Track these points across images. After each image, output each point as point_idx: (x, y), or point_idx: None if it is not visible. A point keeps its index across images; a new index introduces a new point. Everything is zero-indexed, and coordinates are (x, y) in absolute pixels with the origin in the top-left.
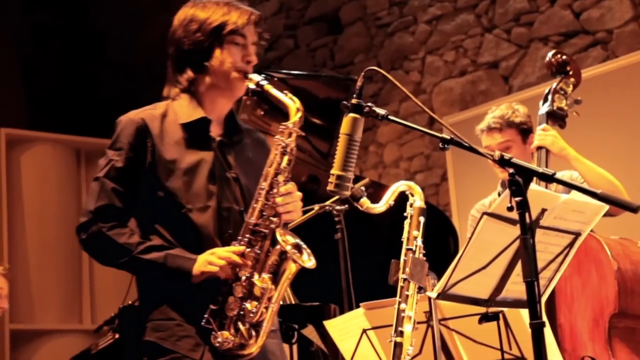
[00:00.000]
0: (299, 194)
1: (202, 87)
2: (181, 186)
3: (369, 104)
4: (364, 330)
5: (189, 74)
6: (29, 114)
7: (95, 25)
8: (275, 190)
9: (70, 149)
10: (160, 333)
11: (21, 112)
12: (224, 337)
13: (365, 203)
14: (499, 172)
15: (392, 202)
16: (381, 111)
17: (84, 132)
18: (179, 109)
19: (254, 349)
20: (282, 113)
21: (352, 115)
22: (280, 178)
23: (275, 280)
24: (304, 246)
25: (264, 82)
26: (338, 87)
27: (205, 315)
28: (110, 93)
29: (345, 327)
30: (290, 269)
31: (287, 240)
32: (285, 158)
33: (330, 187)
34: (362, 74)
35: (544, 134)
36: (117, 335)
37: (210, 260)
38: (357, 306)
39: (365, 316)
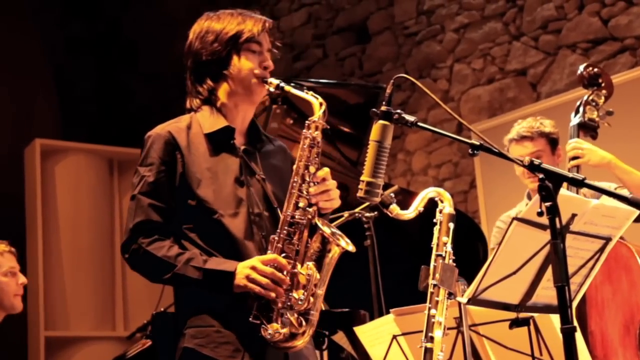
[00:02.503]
0: (334, 182)
1: (223, 95)
2: (211, 194)
3: (398, 111)
4: (394, 336)
5: (209, 83)
6: (63, 125)
7: (128, 37)
8: (307, 180)
9: (103, 158)
10: (199, 340)
11: (55, 122)
12: (274, 329)
13: (394, 209)
14: (529, 183)
15: (421, 209)
16: (410, 118)
17: (116, 142)
18: (203, 119)
19: (304, 339)
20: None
21: (381, 122)
22: (312, 169)
23: (319, 266)
24: (341, 233)
25: (284, 84)
26: (366, 95)
27: (253, 311)
28: (142, 103)
29: (375, 333)
30: (333, 252)
31: (326, 229)
32: (314, 150)
33: (360, 194)
34: (392, 81)
35: (579, 150)
36: (149, 342)
37: (253, 277)
38: (387, 312)
39: (395, 322)
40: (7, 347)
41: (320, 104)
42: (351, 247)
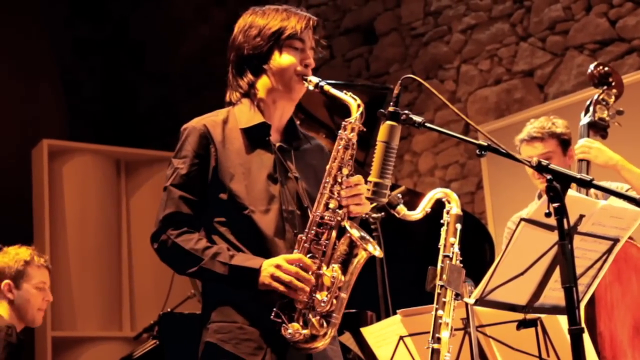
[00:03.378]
0: (365, 187)
1: (262, 91)
2: (243, 189)
3: (406, 111)
4: (401, 337)
5: (249, 77)
6: (70, 125)
7: (136, 38)
8: (339, 182)
9: (110, 159)
10: (222, 335)
11: (62, 123)
12: (295, 329)
13: (402, 210)
14: (538, 183)
15: (428, 210)
16: (418, 118)
17: (124, 142)
18: (240, 114)
19: (324, 340)
20: (318, 122)
21: (389, 122)
22: (345, 171)
23: (345, 269)
24: (369, 238)
25: (323, 83)
26: (374, 96)
27: (275, 309)
28: (149, 104)
29: (382, 334)
30: (360, 256)
31: (354, 232)
32: (348, 152)
33: (367, 194)
34: (399, 81)
35: (588, 148)
36: (156, 342)
37: (277, 276)
38: (394, 313)
39: (402, 323)
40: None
41: (358, 106)
42: (378, 253)
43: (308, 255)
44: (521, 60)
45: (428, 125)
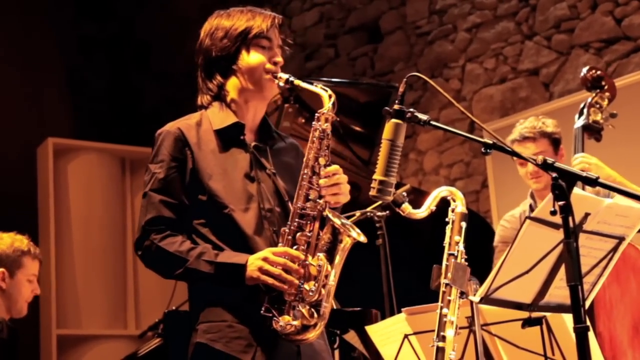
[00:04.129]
0: (345, 177)
1: (233, 91)
2: (221, 189)
3: (411, 109)
4: (406, 336)
5: (219, 79)
6: (75, 124)
7: (141, 38)
8: (317, 172)
9: (115, 157)
10: (211, 335)
11: (68, 122)
12: (286, 322)
13: (407, 208)
14: (532, 183)
15: (433, 208)
16: (423, 117)
17: (128, 141)
18: (212, 116)
19: (315, 331)
20: None
21: (394, 120)
22: (322, 161)
23: (331, 258)
24: (352, 224)
25: (293, 78)
26: (378, 94)
27: (264, 304)
28: (154, 103)
29: (387, 332)
30: (345, 243)
31: (336, 220)
32: (324, 142)
33: (372, 192)
34: (405, 80)
35: (587, 164)
36: (161, 340)
37: (265, 269)
38: (399, 311)
39: (407, 321)
40: (19, 345)
41: (330, 96)
42: (362, 238)
43: (293, 247)
44: (526, 59)
45: (433, 123)
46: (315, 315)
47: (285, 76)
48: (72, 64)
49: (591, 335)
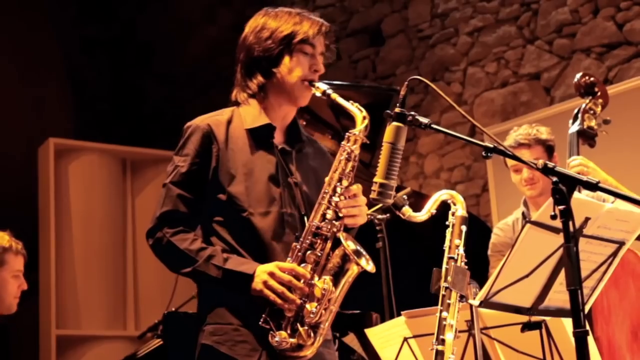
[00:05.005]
0: (364, 199)
1: (270, 93)
2: (243, 191)
3: (412, 112)
4: (405, 339)
5: (259, 79)
6: (76, 124)
7: (143, 38)
8: (338, 193)
9: (116, 158)
10: (217, 337)
11: (69, 122)
12: (282, 337)
13: (407, 211)
14: (526, 190)
15: (434, 211)
16: (424, 120)
17: (130, 142)
18: (245, 114)
19: (311, 350)
20: (323, 123)
21: (395, 123)
22: (344, 183)
23: (336, 282)
24: (364, 252)
25: (330, 91)
26: (380, 97)
27: (264, 315)
28: (156, 104)
29: (386, 335)
30: (352, 271)
31: (349, 244)
32: (350, 164)
33: (373, 195)
34: (406, 83)
35: (585, 167)
36: (160, 342)
37: (270, 284)
38: (399, 314)
39: (406, 324)
40: (19, 345)
41: (364, 118)
42: (370, 267)
43: (301, 265)
44: (528, 63)
45: (434, 126)
46: (312, 335)
47: (323, 87)
48: (74, 64)
49: (590, 339)
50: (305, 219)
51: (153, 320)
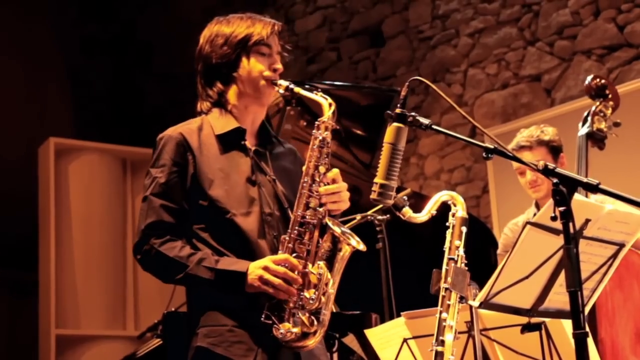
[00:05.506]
0: (344, 184)
1: (233, 97)
2: (223, 193)
3: (413, 113)
4: (405, 340)
5: (219, 86)
6: (77, 124)
7: (143, 38)
8: (317, 180)
9: (116, 158)
10: (212, 339)
11: (69, 122)
12: (286, 329)
13: (407, 212)
14: (532, 193)
15: (434, 212)
16: (425, 121)
17: (130, 142)
18: (214, 121)
19: (315, 338)
20: None
21: (396, 124)
22: (322, 169)
23: (330, 266)
24: (352, 233)
25: (293, 86)
26: (380, 98)
27: (264, 311)
28: (156, 104)
29: (386, 336)
30: (344, 252)
31: (336, 228)
32: (324, 151)
33: (373, 196)
34: (407, 83)
35: None
36: (160, 341)
37: (265, 278)
38: (398, 315)
39: (406, 325)
40: (18, 345)
41: (330, 105)
42: (362, 246)
43: (293, 255)
44: (528, 65)
45: (435, 127)
46: (315, 322)
47: (285, 83)
48: (74, 64)
49: (590, 341)
50: (289, 212)
51: (153, 320)
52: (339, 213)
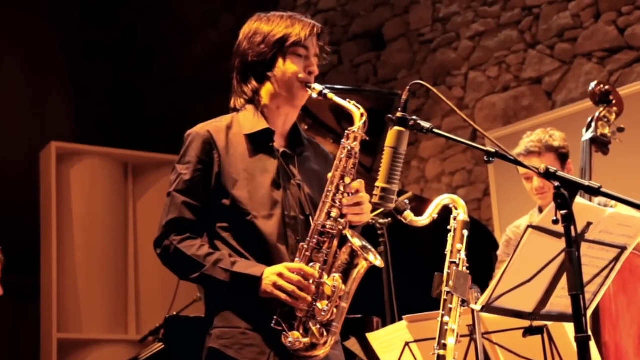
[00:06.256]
0: (367, 196)
1: (266, 97)
2: (245, 195)
3: (414, 117)
4: (407, 343)
5: (253, 84)
6: (78, 128)
7: (144, 42)
8: (342, 190)
9: (118, 162)
10: (224, 341)
11: (71, 126)
12: (295, 337)
13: (408, 216)
14: (537, 199)
15: (435, 216)
16: (426, 124)
17: (131, 145)
18: (244, 120)
19: (324, 349)
20: (325, 128)
21: (397, 128)
22: (347, 180)
23: (345, 279)
24: (371, 248)
25: (327, 91)
26: (381, 101)
27: (275, 317)
28: (157, 108)
29: (388, 340)
30: (361, 267)
31: (356, 241)
32: (351, 161)
33: (374, 200)
34: (408, 87)
35: None
36: (162, 345)
37: (279, 285)
38: (400, 319)
39: (408, 329)
40: (20, 349)
41: (362, 115)
42: (379, 262)
43: (310, 264)
44: (529, 68)
45: (436, 131)
46: (325, 334)
47: (319, 88)
48: (75, 68)
49: (593, 345)
50: (310, 219)
51: (154, 324)
52: (360, 225)
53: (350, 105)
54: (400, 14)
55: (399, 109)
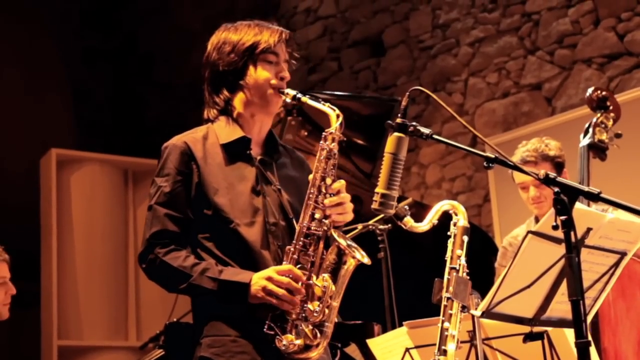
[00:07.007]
0: (348, 195)
1: (239, 106)
2: (227, 202)
3: (414, 123)
4: (407, 349)
5: (225, 93)
6: (78, 135)
7: (144, 49)
8: (323, 192)
9: (118, 169)
10: (215, 349)
11: (71, 133)
12: (289, 340)
13: (408, 222)
14: (534, 209)
15: (435, 221)
16: (426, 130)
17: (131, 152)
18: (219, 130)
19: (317, 350)
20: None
21: (396, 134)
22: (328, 181)
23: (335, 278)
24: (357, 246)
25: (300, 95)
26: (381, 108)
27: (267, 321)
28: (157, 114)
29: (388, 346)
30: (349, 265)
31: (342, 241)
32: (330, 162)
33: (374, 206)
34: (407, 93)
35: None
36: (162, 352)
37: (269, 289)
38: (400, 325)
39: (408, 335)
40: (21, 356)
41: (337, 116)
42: (367, 260)
43: (297, 267)
44: (529, 74)
45: (436, 137)
46: (318, 335)
47: (292, 92)
48: (75, 75)
49: (593, 350)
50: (294, 222)
51: (155, 331)
52: (343, 225)
53: (325, 107)
54: (400, 20)
55: (399, 115)
